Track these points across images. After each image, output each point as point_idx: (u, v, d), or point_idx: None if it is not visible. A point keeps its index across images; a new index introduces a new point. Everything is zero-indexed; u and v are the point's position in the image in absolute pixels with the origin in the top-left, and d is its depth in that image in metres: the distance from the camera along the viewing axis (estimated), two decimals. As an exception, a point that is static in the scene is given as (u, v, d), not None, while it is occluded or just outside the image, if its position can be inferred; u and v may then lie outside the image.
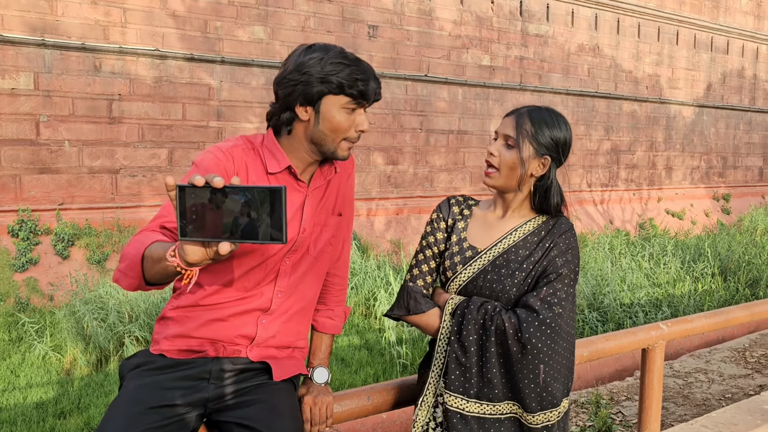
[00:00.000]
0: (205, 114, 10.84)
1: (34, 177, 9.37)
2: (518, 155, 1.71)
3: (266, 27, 11.39)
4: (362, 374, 6.42)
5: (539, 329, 1.60)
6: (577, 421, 4.35)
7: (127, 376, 1.64)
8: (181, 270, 1.22)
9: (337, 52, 1.60)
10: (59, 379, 6.37)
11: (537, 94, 15.39)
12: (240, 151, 1.64)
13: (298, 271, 1.74)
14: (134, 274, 1.35)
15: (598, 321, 7.62)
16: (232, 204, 1.09)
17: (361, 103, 1.63)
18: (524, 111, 1.75)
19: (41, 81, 9.38)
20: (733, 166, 20.48)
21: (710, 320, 2.97)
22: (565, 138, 1.76)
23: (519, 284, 1.69)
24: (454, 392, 1.67)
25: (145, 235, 1.43)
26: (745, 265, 10.11)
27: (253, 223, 1.10)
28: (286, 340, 1.75)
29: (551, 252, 1.70)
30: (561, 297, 1.65)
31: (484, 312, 1.67)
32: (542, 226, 1.78)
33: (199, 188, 1.09)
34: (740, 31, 19.88)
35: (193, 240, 1.12)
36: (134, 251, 1.36)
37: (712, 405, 4.67)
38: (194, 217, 1.11)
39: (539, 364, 1.60)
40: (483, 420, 1.66)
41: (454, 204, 1.87)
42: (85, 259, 9.38)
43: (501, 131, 1.75)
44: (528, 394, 1.62)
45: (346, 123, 1.62)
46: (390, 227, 12.66)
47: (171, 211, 1.50)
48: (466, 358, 1.66)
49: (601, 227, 15.83)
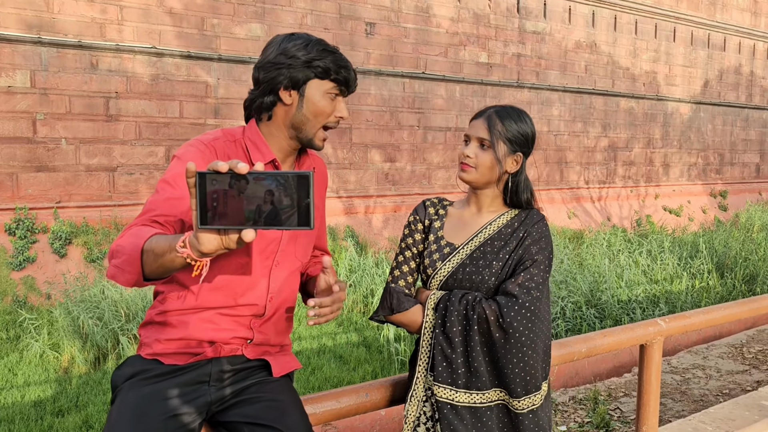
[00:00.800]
0: (203, 111, 10.82)
1: (31, 175, 9.35)
2: (494, 155, 1.80)
3: (263, 24, 11.37)
4: (360, 371, 6.43)
5: (519, 313, 1.67)
6: (575, 417, 4.36)
7: (122, 386, 1.58)
8: (191, 261, 1.19)
9: (319, 41, 1.63)
10: (57, 378, 6.37)
11: (534, 91, 15.40)
12: (222, 144, 1.62)
13: (285, 271, 1.73)
14: (133, 269, 1.31)
15: (596, 318, 7.63)
16: (256, 190, 1.06)
17: (343, 91, 1.66)
18: (492, 113, 1.82)
19: (38, 79, 9.35)
20: (730, 163, 20.52)
21: (708, 316, 2.98)
22: (532, 132, 1.86)
23: (497, 274, 1.76)
24: (443, 383, 1.71)
25: (139, 229, 1.39)
26: (741, 261, 10.13)
27: (277, 210, 1.07)
28: (277, 339, 1.76)
29: (525, 241, 1.78)
30: (538, 282, 1.72)
31: (466, 303, 1.72)
32: (515, 218, 1.86)
33: (221, 174, 1.06)
34: (737, 28, 19.90)
35: (215, 228, 1.08)
36: (131, 246, 1.32)
37: (709, 401, 4.68)
38: (215, 204, 1.07)
39: (522, 347, 1.66)
40: (474, 409, 1.71)
41: (430, 206, 1.94)
42: (83, 257, 9.36)
43: (474, 134, 1.82)
44: (513, 379, 1.68)
45: (328, 108, 1.64)
46: (388, 224, 12.66)
47: (160, 204, 1.48)
48: (452, 350, 1.72)
49: (598, 224, 15.85)
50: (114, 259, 1.36)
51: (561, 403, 4.61)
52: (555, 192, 15.76)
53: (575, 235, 14.27)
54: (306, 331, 7.69)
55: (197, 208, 1.08)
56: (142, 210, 1.50)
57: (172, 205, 1.49)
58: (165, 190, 1.51)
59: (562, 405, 4.58)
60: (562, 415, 4.41)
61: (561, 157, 16.06)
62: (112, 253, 1.38)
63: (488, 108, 1.85)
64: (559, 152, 16.03)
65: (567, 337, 2.40)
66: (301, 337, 7.49)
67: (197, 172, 1.06)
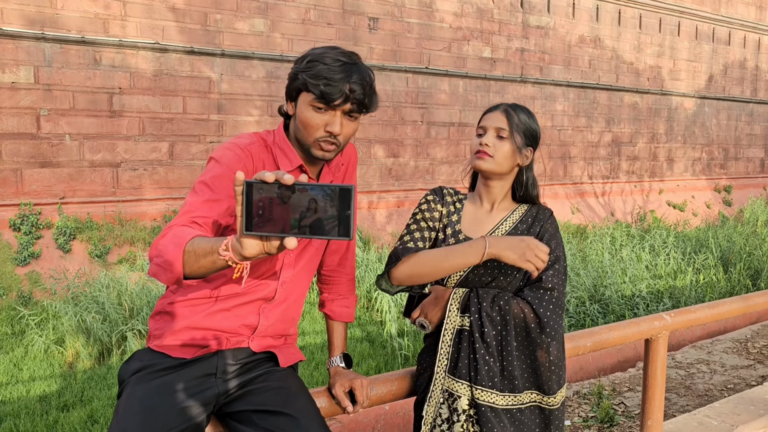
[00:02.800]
0: (206, 107, 10.82)
1: (35, 171, 9.36)
2: (513, 145, 1.80)
3: (266, 19, 11.35)
4: (364, 366, 6.44)
5: (552, 309, 1.70)
6: (579, 412, 4.36)
7: (130, 380, 1.61)
8: (231, 264, 1.24)
9: (322, 53, 1.61)
10: (62, 373, 6.39)
11: (538, 86, 15.35)
12: (257, 149, 1.67)
13: (301, 262, 1.78)
14: (174, 269, 1.34)
15: (599, 313, 7.62)
16: (301, 200, 1.11)
17: (327, 104, 1.59)
18: (506, 106, 1.84)
19: (41, 75, 9.36)
20: (735, 158, 20.45)
21: (713, 311, 2.97)
22: (539, 129, 1.90)
23: (520, 269, 1.77)
24: (485, 387, 1.70)
25: (180, 229, 1.43)
26: (746, 256, 10.10)
27: (320, 220, 1.12)
28: (281, 327, 1.79)
29: (543, 237, 1.81)
30: (561, 277, 1.76)
31: (498, 308, 1.72)
32: (527, 213, 1.87)
33: (267, 184, 1.11)
34: (742, 22, 19.80)
35: (258, 234, 1.13)
36: (173, 246, 1.36)
37: (714, 395, 4.68)
38: (260, 212, 1.12)
39: (554, 342, 1.70)
40: (512, 412, 1.72)
41: (447, 194, 1.93)
42: (87, 252, 9.39)
43: (491, 125, 1.82)
44: (549, 377, 1.70)
45: (314, 121, 1.61)
46: (391, 220, 12.66)
47: (199, 206, 1.53)
48: (489, 354, 1.71)
49: (602, 219, 15.82)
50: (157, 258, 1.40)
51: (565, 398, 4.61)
52: (558, 187, 15.73)
53: (579, 230, 14.25)
54: (310, 326, 7.70)
55: (243, 214, 1.13)
56: (182, 209, 1.54)
57: (210, 207, 1.55)
58: (203, 192, 1.56)
59: (567, 400, 4.59)
60: (567, 409, 4.42)
61: (565, 152, 16.03)
62: (155, 252, 1.41)
63: (499, 104, 1.86)
64: (563, 147, 16.00)
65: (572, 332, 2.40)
66: (305, 332, 7.50)
67: (245, 181, 1.11)
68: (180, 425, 1.53)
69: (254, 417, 1.61)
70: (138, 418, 1.49)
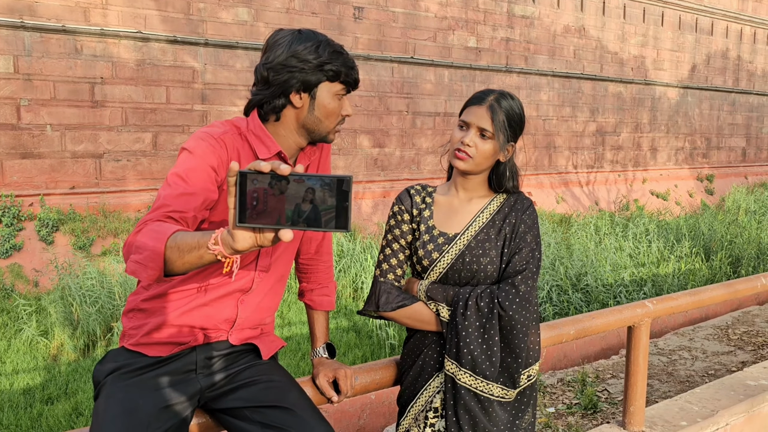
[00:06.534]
0: (190, 97, 10.72)
1: (16, 162, 9.24)
2: (495, 146, 1.78)
3: (250, 9, 11.25)
4: (351, 356, 6.45)
5: (519, 303, 1.71)
6: (563, 399, 4.41)
7: (106, 381, 1.56)
8: (221, 258, 1.20)
9: (327, 42, 1.64)
10: (46, 365, 6.34)
11: (523, 76, 15.38)
12: (230, 138, 1.63)
13: (278, 250, 1.75)
14: (155, 265, 1.28)
15: (582, 301, 7.69)
16: (296, 191, 1.08)
17: (350, 91, 1.70)
18: (494, 102, 1.78)
19: (21, 64, 9.21)
20: (717, 147, 20.66)
21: (694, 298, 3.01)
22: (525, 119, 1.87)
23: (494, 263, 1.78)
24: (467, 369, 1.73)
25: (158, 224, 1.37)
26: (727, 244, 10.23)
27: (317, 211, 1.08)
28: (259, 318, 1.77)
29: (519, 228, 1.80)
30: (532, 270, 1.76)
31: (484, 300, 1.74)
32: (504, 203, 1.86)
33: (262, 174, 1.08)
34: (724, 12, 19.94)
35: (254, 226, 1.09)
36: (153, 241, 1.30)
37: (695, 381, 4.75)
38: (255, 203, 1.08)
39: (518, 334, 1.71)
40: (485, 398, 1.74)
41: (415, 194, 1.91)
42: (70, 244, 9.30)
43: (475, 123, 1.77)
44: (516, 369, 1.73)
45: (338, 109, 1.67)
46: (377, 210, 12.66)
47: (174, 200, 1.47)
48: (468, 344, 1.74)
49: (586, 209, 15.94)
50: (134, 254, 1.32)
51: (549, 385, 4.66)
52: (543, 177, 15.80)
53: (563, 219, 14.35)
54: (296, 316, 7.70)
55: (236, 206, 1.09)
56: (155, 204, 1.48)
57: (186, 201, 1.49)
58: (178, 185, 1.50)
59: (551, 387, 4.63)
60: (551, 396, 4.46)
61: (549, 142, 16.10)
62: (131, 249, 1.34)
63: (485, 94, 1.80)
64: (548, 137, 16.06)
65: (556, 320, 2.42)
66: (291, 322, 7.50)
67: (239, 171, 1.08)
68: (165, 423, 1.51)
69: (246, 412, 1.60)
70: (120, 420, 1.46)
